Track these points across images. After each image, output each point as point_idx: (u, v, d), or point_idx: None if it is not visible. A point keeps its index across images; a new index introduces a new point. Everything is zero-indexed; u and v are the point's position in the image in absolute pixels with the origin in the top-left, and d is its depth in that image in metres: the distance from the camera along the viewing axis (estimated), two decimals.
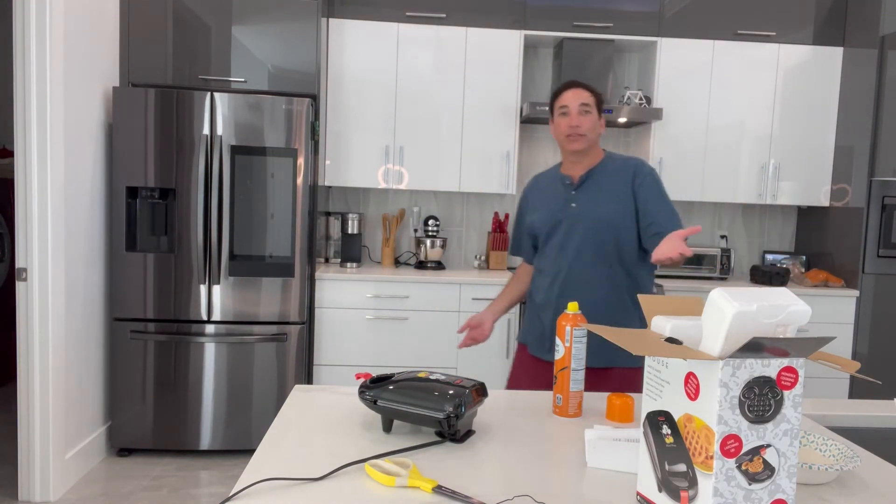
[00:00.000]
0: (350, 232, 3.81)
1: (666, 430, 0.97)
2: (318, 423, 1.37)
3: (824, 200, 3.94)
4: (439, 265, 3.90)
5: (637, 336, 0.97)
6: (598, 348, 1.98)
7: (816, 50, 3.86)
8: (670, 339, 0.96)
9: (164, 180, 3.15)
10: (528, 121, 3.97)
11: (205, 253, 3.19)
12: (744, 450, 0.89)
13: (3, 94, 4.81)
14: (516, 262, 4.11)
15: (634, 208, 1.99)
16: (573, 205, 2.03)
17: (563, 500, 1.05)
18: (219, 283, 3.21)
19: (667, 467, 0.96)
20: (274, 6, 3.32)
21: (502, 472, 1.15)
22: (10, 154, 4.59)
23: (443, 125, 3.78)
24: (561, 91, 2.04)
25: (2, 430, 3.57)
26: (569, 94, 2.02)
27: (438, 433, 1.29)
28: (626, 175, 2.01)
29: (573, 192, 2.04)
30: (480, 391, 1.32)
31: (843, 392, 3.77)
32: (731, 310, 0.89)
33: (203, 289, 3.20)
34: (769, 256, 4.22)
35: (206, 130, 3.14)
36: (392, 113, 3.76)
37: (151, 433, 3.23)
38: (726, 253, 3.94)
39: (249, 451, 3.34)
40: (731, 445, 0.89)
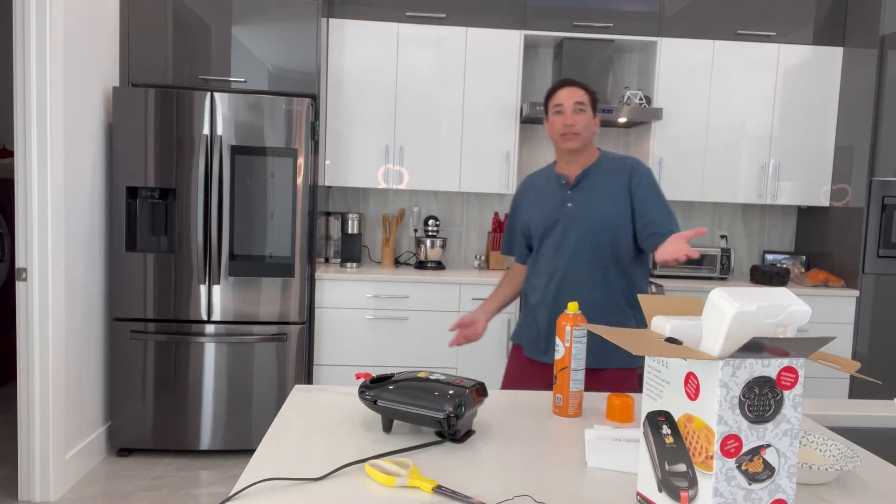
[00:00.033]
0: (350, 232, 3.81)
1: (666, 430, 0.97)
2: (318, 423, 1.37)
3: (824, 200, 3.94)
4: (439, 265, 3.90)
5: (637, 336, 0.97)
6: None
7: (816, 50, 3.86)
8: (670, 339, 0.96)
9: (164, 180, 3.15)
10: (527, 121, 3.97)
11: (205, 253, 3.19)
12: (744, 450, 0.89)
13: (3, 94, 4.80)
14: None
15: (631, 208, 1.98)
16: (569, 204, 2.02)
17: (563, 500, 1.05)
18: (219, 283, 3.21)
19: (667, 467, 0.96)
20: (274, 6, 3.32)
21: (502, 472, 1.15)
22: (10, 154, 4.59)
23: (443, 125, 3.78)
24: (555, 90, 2.03)
25: (2, 430, 3.57)
26: (563, 93, 2.00)
27: (438, 433, 1.29)
28: (623, 175, 2.00)
29: (569, 191, 2.03)
30: (480, 391, 1.32)
31: (843, 392, 3.77)
32: (731, 310, 0.89)
33: (203, 289, 3.20)
34: (769, 256, 4.22)
35: (206, 130, 3.14)
36: (392, 113, 3.76)
37: (151, 433, 3.23)
38: (726, 253, 3.94)
39: (249, 451, 3.34)
40: (731, 445, 0.89)
